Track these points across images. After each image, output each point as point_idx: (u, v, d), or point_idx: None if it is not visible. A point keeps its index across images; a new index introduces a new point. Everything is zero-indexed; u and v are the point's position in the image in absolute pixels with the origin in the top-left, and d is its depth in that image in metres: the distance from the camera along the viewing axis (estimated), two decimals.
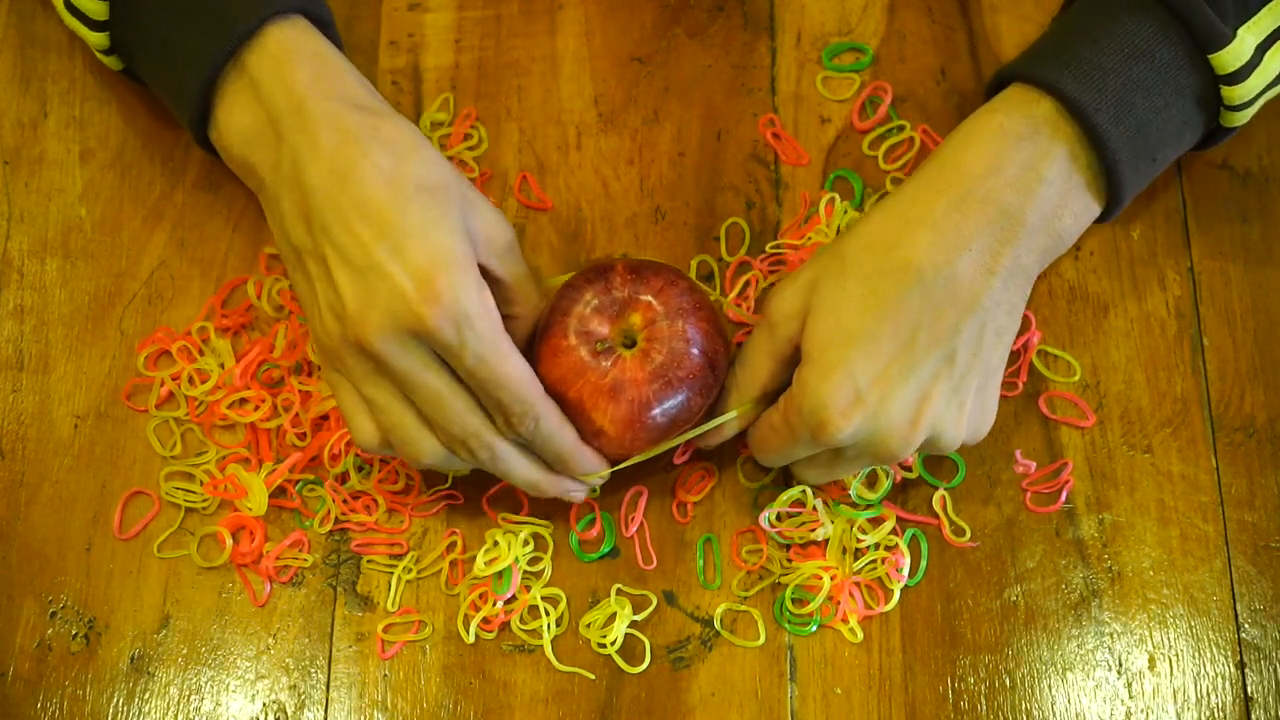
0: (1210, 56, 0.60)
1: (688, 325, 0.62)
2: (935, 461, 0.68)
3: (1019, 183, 0.59)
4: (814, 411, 0.59)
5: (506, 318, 0.61)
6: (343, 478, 0.68)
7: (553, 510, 0.68)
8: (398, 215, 0.58)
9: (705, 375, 0.62)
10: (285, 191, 0.60)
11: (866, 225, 0.61)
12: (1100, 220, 0.63)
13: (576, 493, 0.64)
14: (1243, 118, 0.63)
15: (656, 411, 0.61)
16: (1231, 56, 0.60)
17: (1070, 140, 0.60)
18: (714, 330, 0.63)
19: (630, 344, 0.62)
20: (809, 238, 0.71)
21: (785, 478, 0.68)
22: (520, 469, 0.62)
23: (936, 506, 0.67)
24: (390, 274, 0.57)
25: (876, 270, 0.59)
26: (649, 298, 0.62)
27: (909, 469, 0.67)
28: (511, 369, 0.59)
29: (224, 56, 0.61)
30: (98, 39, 0.67)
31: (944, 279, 0.58)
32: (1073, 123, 0.60)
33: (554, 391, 0.62)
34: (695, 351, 0.62)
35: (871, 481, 0.67)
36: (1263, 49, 0.61)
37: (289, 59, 0.61)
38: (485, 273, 0.60)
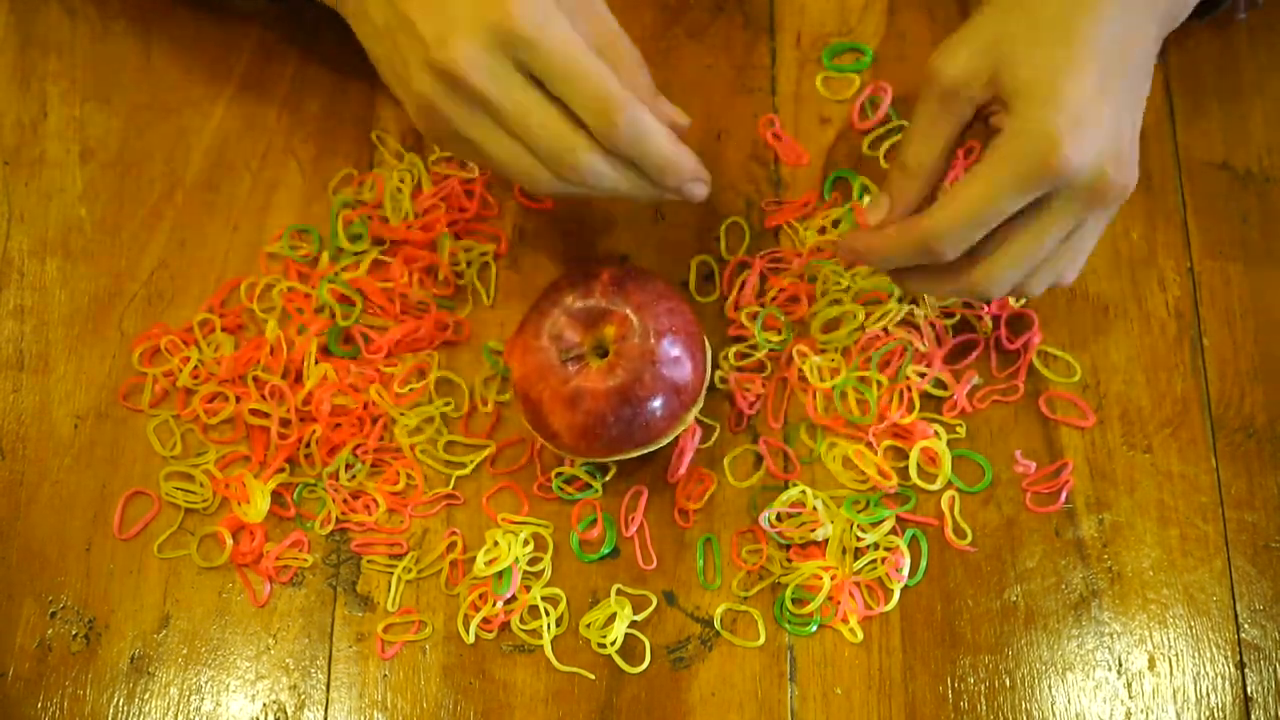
0: None
1: (660, 345, 0.62)
2: (959, 465, 0.68)
3: None
4: (1039, 135, 0.56)
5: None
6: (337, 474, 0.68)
7: (553, 510, 0.68)
8: None
9: (670, 397, 0.62)
10: None
11: None
12: (1196, 15, 0.64)
13: (695, 186, 0.61)
14: None
15: (612, 426, 0.62)
16: None
17: None
18: (688, 353, 0.63)
19: (603, 353, 0.63)
20: (806, 234, 0.71)
21: (756, 458, 0.68)
22: (623, 182, 0.60)
23: (945, 506, 0.67)
24: (441, 8, 0.56)
25: (1067, 11, 0.57)
26: (627, 311, 0.63)
27: (934, 465, 0.67)
28: (595, 65, 0.57)
29: None
30: None
31: (1126, 17, 0.58)
32: None
33: (519, 388, 0.63)
34: (663, 372, 0.62)
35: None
36: None
37: None
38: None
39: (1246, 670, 0.65)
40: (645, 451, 0.64)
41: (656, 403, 0.62)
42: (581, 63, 0.57)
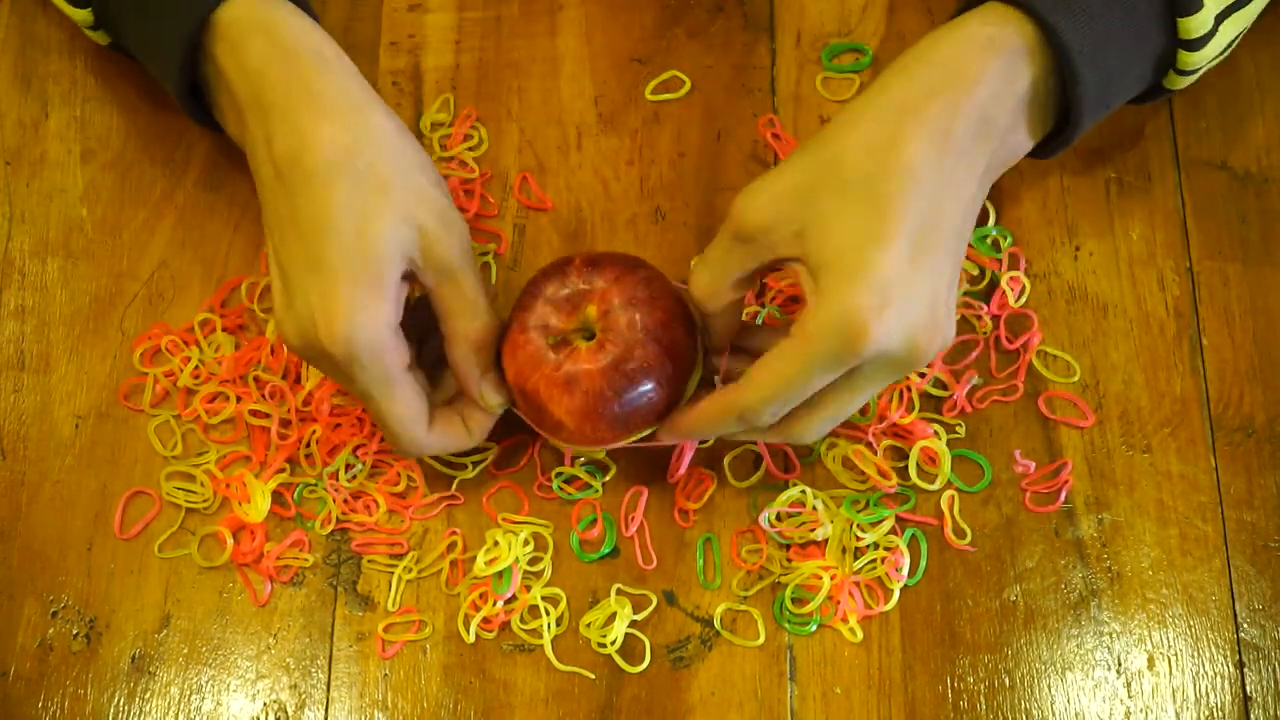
0: (1180, 20, 0.60)
1: (641, 314, 0.61)
2: (959, 465, 0.68)
3: (999, 96, 0.59)
4: (845, 318, 0.55)
5: (446, 336, 0.63)
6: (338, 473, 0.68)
7: (553, 510, 0.68)
8: (326, 221, 0.58)
9: (663, 364, 0.61)
10: (256, 178, 0.63)
11: (858, 125, 0.58)
12: (1033, 155, 0.63)
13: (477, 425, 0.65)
14: (1182, 83, 0.64)
15: (614, 403, 0.61)
16: (1197, 23, 0.60)
17: (1044, 70, 0.59)
18: (673, 319, 0.62)
19: (590, 336, 0.62)
20: None
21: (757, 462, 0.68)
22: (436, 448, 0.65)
23: (944, 506, 0.67)
24: (304, 295, 0.59)
25: (877, 172, 0.56)
26: (604, 286, 0.62)
27: (934, 464, 0.67)
28: (394, 411, 0.61)
29: (188, 43, 0.62)
30: (83, 15, 0.68)
31: (941, 178, 0.57)
32: (1049, 55, 0.59)
33: (514, 385, 0.63)
34: (652, 341, 0.61)
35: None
36: (1220, 19, 0.62)
37: (241, 42, 0.61)
38: (423, 282, 0.61)
39: (1245, 670, 0.65)
40: (651, 430, 0.64)
41: (653, 372, 0.61)
42: (376, 404, 0.61)
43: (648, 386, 0.61)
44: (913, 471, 0.67)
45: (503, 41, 0.76)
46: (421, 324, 0.64)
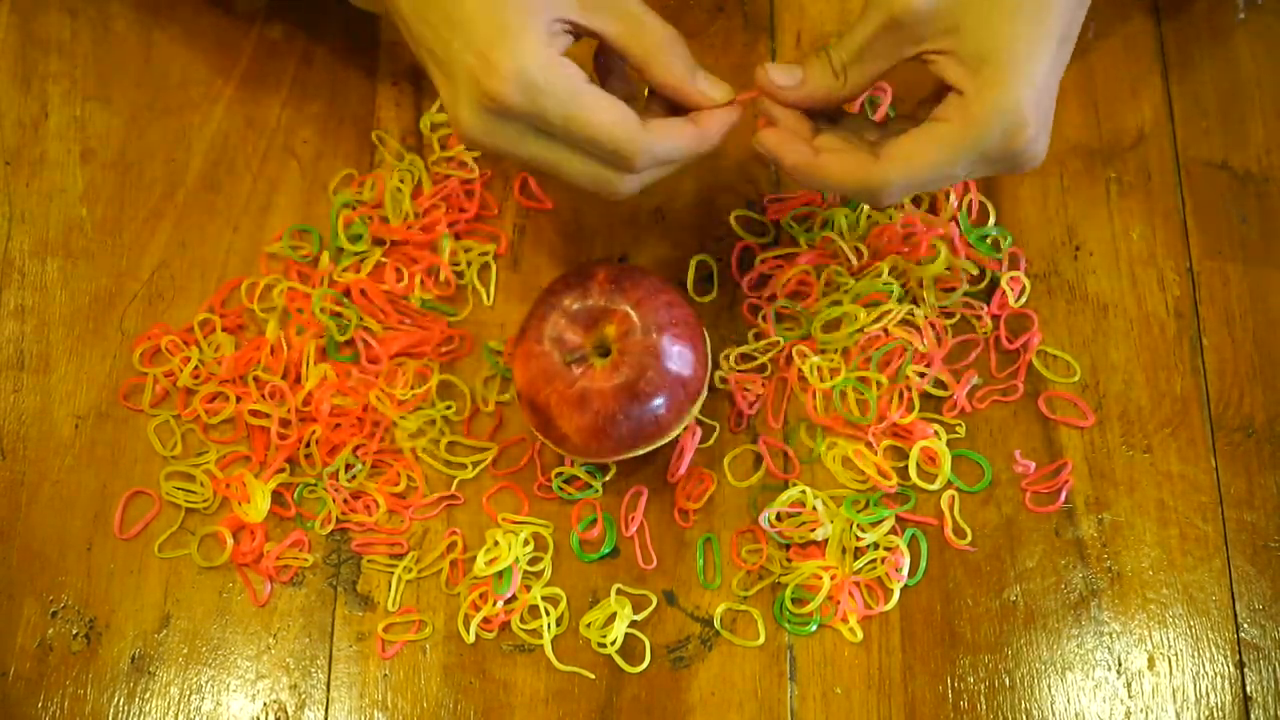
0: None
1: (662, 339, 0.62)
2: (959, 465, 0.68)
3: None
4: (1011, 110, 0.56)
5: (637, 69, 0.60)
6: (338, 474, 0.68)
7: (553, 510, 0.68)
8: None
9: (675, 390, 0.62)
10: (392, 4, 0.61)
11: None
12: None
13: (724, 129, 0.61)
14: None
15: (622, 424, 0.62)
16: None
17: None
18: (690, 346, 0.63)
19: (605, 352, 0.63)
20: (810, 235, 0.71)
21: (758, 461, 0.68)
22: (666, 171, 0.61)
23: (944, 505, 0.67)
24: (461, 61, 0.57)
25: None
26: (626, 308, 0.62)
27: (935, 464, 0.67)
28: (600, 119, 0.57)
29: None
30: None
31: None
32: None
33: (524, 394, 0.63)
34: (668, 367, 0.62)
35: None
36: None
37: None
38: (583, 28, 0.59)
39: (1246, 670, 0.65)
40: (651, 449, 0.64)
41: (663, 397, 0.62)
42: (583, 126, 0.57)
43: (657, 409, 0.62)
44: (913, 471, 0.67)
45: None
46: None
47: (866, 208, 0.71)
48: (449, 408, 0.69)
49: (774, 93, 0.60)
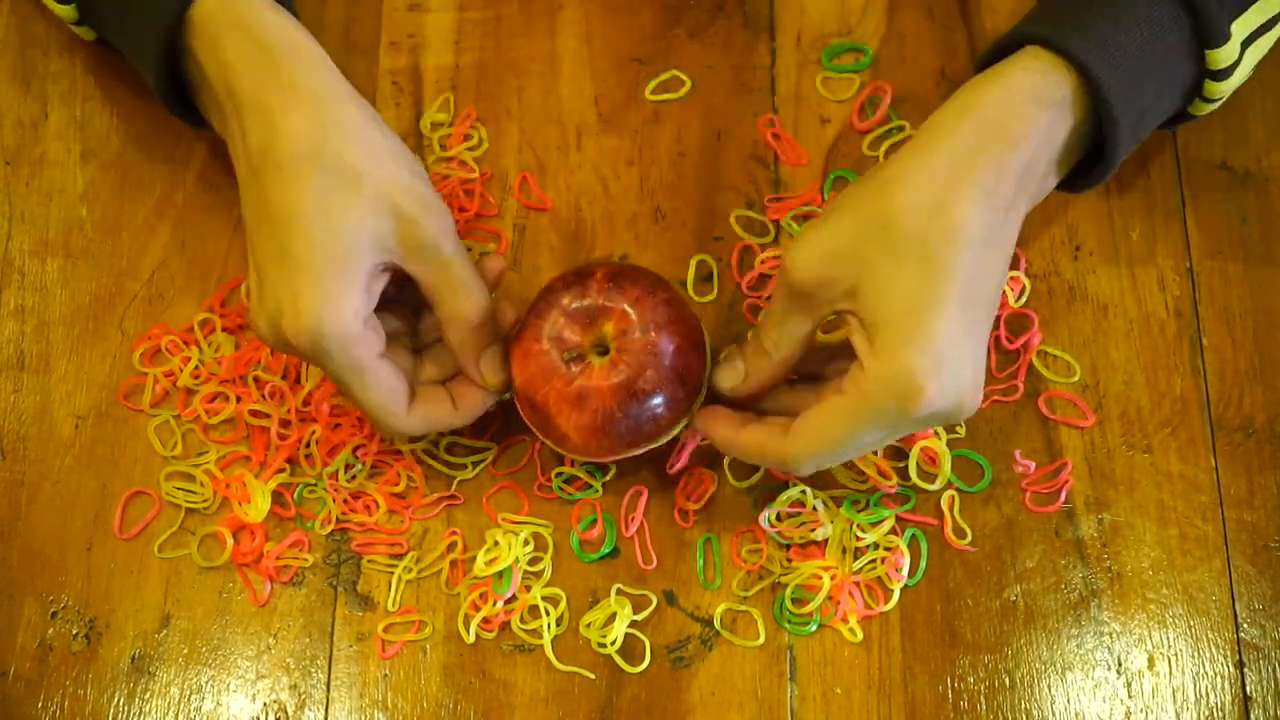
0: (1208, 51, 0.60)
1: (661, 338, 0.62)
2: (959, 465, 0.68)
3: (1040, 148, 0.59)
4: (902, 379, 0.56)
5: (441, 322, 0.63)
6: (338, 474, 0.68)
7: (553, 510, 0.68)
8: (295, 213, 0.58)
9: (674, 388, 0.62)
10: (236, 173, 0.63)
11: (908, 185, 0.58)
12: (1059, 189, 0.63)
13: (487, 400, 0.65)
14: (1207, 109, 0.64)
15: (622, 422, 0.62)
16: (1225, 53, 0.60)
17: (1082, 116, 0.59)
18: (689, 344, 0.63)
19: (604, 351, 0.63)
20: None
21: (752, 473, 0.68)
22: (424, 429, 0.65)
23: (944, 506, 0.67)
24: (273, 287, 0.59)
25: (930, 234, 0.56)
26: (625, 307, 0.62)
27: (934, 464, 0.67)
28: (369, 396, 0.61)
29: (165, 41, 0.63)
30: (66, 11, 0.69)
31: (989, 236, 0.57)
32: (1088, 101, 0.59)
33: (523, 393, 0.63)
34: (666, 365, 0.62)
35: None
36: (1245, 45, 0.62)
37: (217, 37, 0.61)
38: (404, 272, 0.61)
39: (1245, 670, 0.65)
40: (652, 447, 0.64)
41: (662, 395, 0.62)
42: (353, 391, 0.61)
43: (656, 408, 0.62)
44: (913, 471, 0.67)
45: (503, 41, 0.76)
46: (415, 300, 0.65)
47: None
48: None
49: (726, 394, 0.63)
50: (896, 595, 0.66)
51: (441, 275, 0.61)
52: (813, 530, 0.66)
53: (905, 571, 0.66)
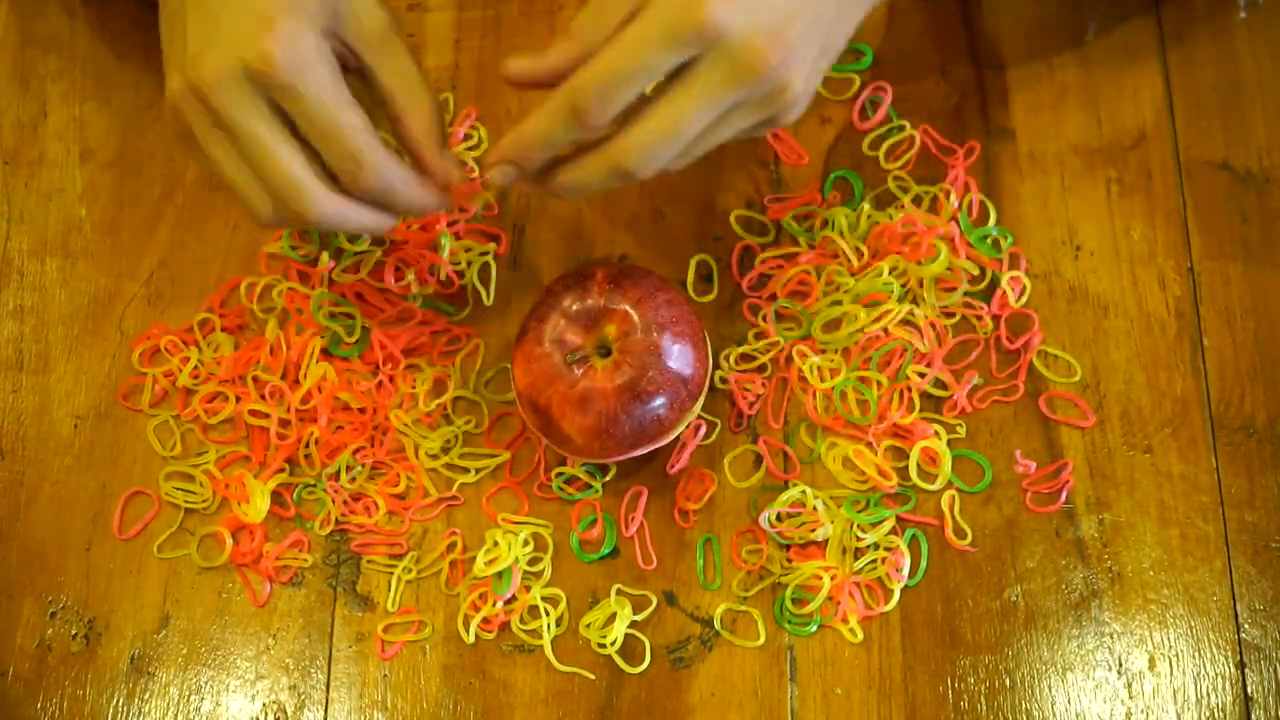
0: None
1: (663, 338, 0.62)
2: (959, 465, 0.68)
3: None
4: None
5: (393, 118, 0.60)
6: (337, 474, 0.68)
7: (553, 510, 0.68)
8: None
9: (676, 389, 0.62)
10: None
11: None
12: None
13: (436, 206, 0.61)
14: None
15: (624, 424, 0.62)
16: None
17: None
18: (691, 344, 0.63)
19: (606, 353, 0.63)
20: (813, 234, 0.71)
21: (754, 436, 0.68)
22: (351, 221, 0.59)
23: (945, 506, 0.67)
24: (237, 12, 0.55)
25: None
26: (626, 308, 0.63)
27: (934, 463, 0.67)
28: (348, 117, 0.56)
29: None
30: None
31: None
32: None
33: (526, 396, 0.63)
34: (669, 365, 0.62)
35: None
36: None
37: None
38: (354, 62, 0.59)
39: (1246, 670, 0.65)
40: (653, 448, 0.64)
41: (664, 396, 0.62)
42: (333, 115, 0.56)
43: (659, 409, 0.62)
44: (913, 471, 0.67)
45: (503, 41, 0.76)
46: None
47: (867, 207, 0.71)
48: (468, 422, 0.69)
49: (515, 77, 0.59)
50: (897, 595, 0.66)
51: (394, 64, 0.59)
52: (813, 530, 0.66)
53: (905, 572, 0.66)
